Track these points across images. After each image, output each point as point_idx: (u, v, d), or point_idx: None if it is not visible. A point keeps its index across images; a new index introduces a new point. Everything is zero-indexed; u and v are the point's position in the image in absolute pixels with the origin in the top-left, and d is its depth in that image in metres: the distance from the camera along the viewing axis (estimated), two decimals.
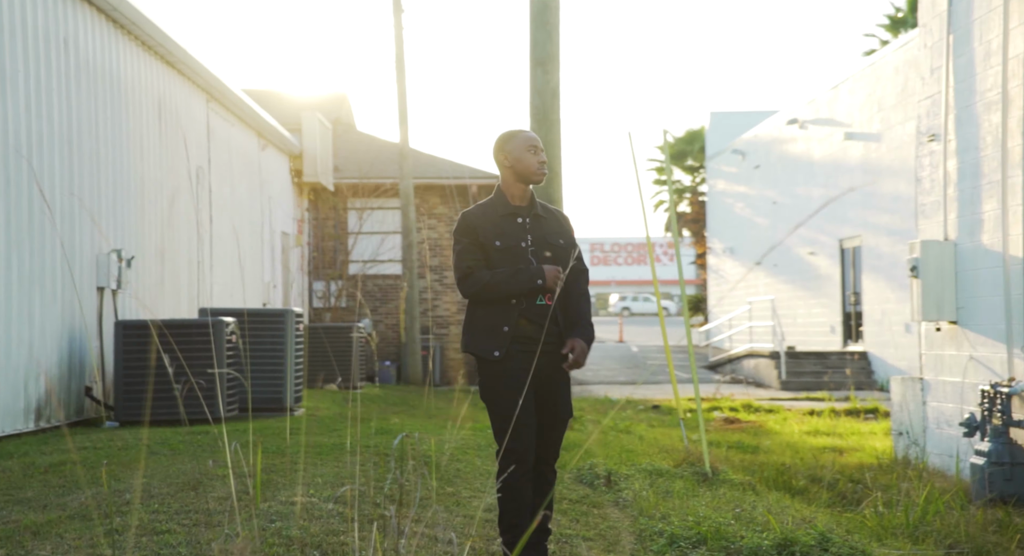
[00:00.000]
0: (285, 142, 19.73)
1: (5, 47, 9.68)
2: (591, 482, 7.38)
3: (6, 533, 5.27)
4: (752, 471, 9.19)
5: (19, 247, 9.71)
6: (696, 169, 38.89)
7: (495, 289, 4.86)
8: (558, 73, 11.60)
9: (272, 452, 7.89)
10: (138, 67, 12.88)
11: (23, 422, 9.71)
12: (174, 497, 6.05)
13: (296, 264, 21.25)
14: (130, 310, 12.08)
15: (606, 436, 10.45)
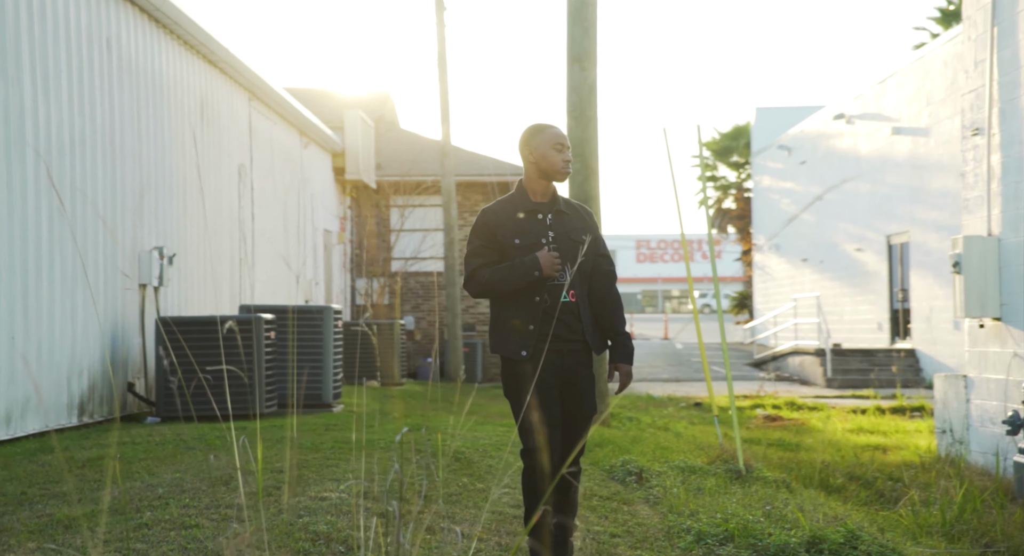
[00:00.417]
0: (327, 140, 19.84)
1: (48, 48, 9.81)
2: (623, 479, 7.36)
3: (39, 526, 5.35)
4: (789, 469, 9.12)
5: (62, 245, 9.84)
6: (741, 165, 38.61)
7: (496, 286, 4.85)
8: (595, 69, 11.56)
9: (306, 448, 7.94)
10: (180, 66, 13.01)
11: (66, 417, 9.85)
12: (205, 492, 6.10)
13: (338, 261, 21.36)
14: (173, 307, 12.21)
15: (643, 433, 10.41)
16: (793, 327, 28.85)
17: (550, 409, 4.91)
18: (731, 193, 39.01)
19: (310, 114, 18.32)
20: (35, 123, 9.50)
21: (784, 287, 31.98)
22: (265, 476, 6.71)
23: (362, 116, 21.05)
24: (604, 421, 11.11)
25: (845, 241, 27.03)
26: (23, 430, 9.09)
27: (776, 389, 21.32)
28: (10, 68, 9.14)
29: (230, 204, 14.59)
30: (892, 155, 23.81)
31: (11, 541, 5.03)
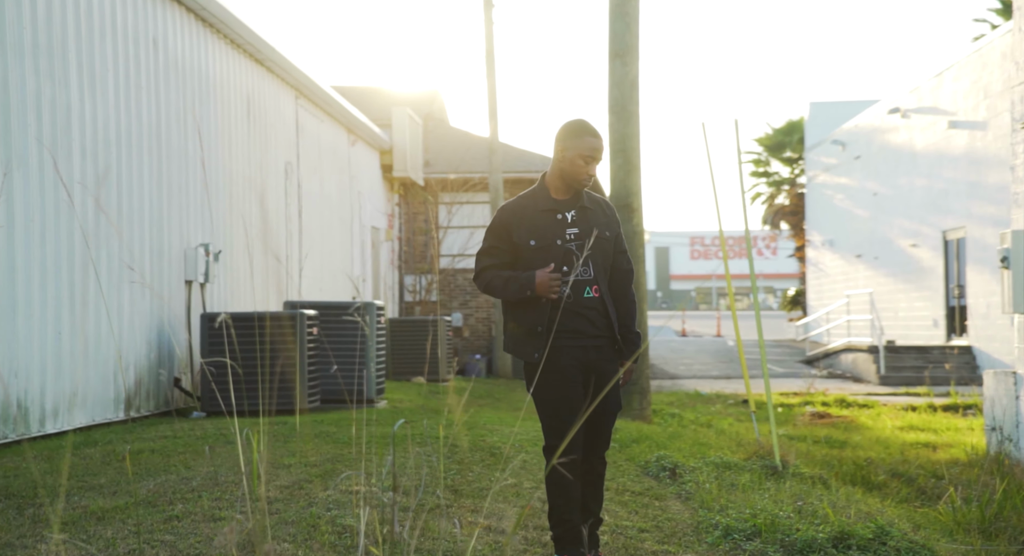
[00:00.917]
0: (375, 137, 19.94)
1: (95, 48, 9.96)
2: (656, 475, 7.34)
3: (73, 518, 5.44)
4: (831, 466, 9.03)
5: (108, 242, 9.99)
6: (795, 160, 38.25)
7: (494, 293, 4.89)
8: (637, 64, 11.52)
9: (342, 442, 7.99)
10: (227, 65, 13.15)
11: (113, 411, 10.00)
12: (238, 485, 6.16)
13: (386, 258, 21.47)
14: (219, 303, 12.35)
15: (684, 430, 10.37)
16: (846, 324, 28.54)
17: (574, 405, 4.91)
18: (784, 189, 38.65)
19: (357, 112, 18.43)
20: (81, 122, 9.65)
21: (838, 283, 31.64)
22: (298, 470, 6.77)
23: (410, 113, 21.13)
24: (645, 417, 11.07)
25: (900, 237, 26.69)
26: (70, 424, 9.24)
27: (827, 386, 21.12)
28: (57, 69, 9.30)
29: (276, 201, 14.72)
30: (948, 149, 23.47)
31: (44, 532, 5.12)
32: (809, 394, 18.73)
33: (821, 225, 33.75)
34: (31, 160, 8.83)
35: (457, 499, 6.18)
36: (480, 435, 8.70)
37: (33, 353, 8.73)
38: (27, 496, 6.03)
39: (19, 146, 8.66)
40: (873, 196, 28.59)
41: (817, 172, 33.95)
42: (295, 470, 6.76)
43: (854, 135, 30.15)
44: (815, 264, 34.37)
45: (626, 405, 11.17)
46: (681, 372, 24.82)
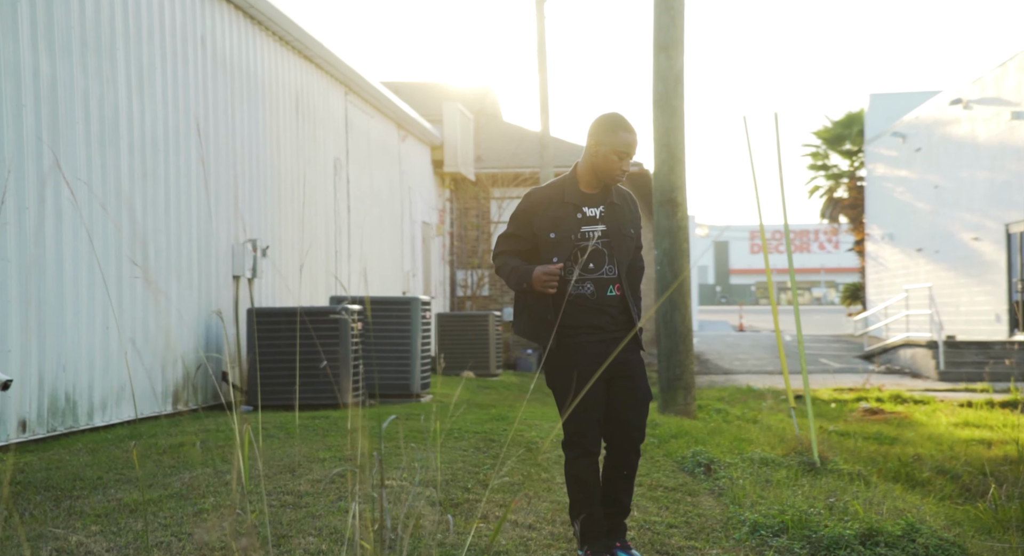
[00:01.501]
0: (426, 133, 20.01)
1: (143, 47, 10.10)
2: (692, 470, 7.30)
3: (106, 510, 5.53)
4: (876, 462, 8.92)
5: (156, 237, 10.13)
6: (854, 153, 37.78)
7: (502, 277, 4.95)
8: (682, 58, 11.44)
9: (377, 436, 8.02)
10: (276, 62, 13.26)
11: (160, 405, 10.14)
12: (271, 479, 6.23)
13: (437, 253, 21.54)
14: (267, 298, 12.48)
15: (727, 425, 10.29)
16: (905, 319, 28.15)
17: (593, 401, 4.90)
18: (843, 182, 38.19)
19: (407, 107, 18.50)
20: (129, 119, 9.79)
21: (898, 278, 31.21)
22: (333, 465, 6.82)
23: (461, 109, 21.17)
24: (690, 413, 11.01)
25: (962, 230, 26.26)
26: (118, 417, 9.39)
27: (883, 382, 20.85)
28: (105, 67, 9.44)
29: (325, 197, 14.84)
30: (1012, 141, 23.04)
31: (77, 524, 5.21)
32: (864, 390, 18.49)
33: (881, 219, 33.30)
34: (79, 158, 8.98)
35: (486, 493, 6.19)
36: (520, 430, 8.71)
37: (81, 347, 8.88)
38: (65, 488, 6.14)
39: (67, 144, 8.81)
40: (934, 189, 28.16)
41: (877, 165, 33.50)
42: (328, 464, 6.81)
43: (915, 127, 29.70)
44: (875, 258, 33.93)
45: (670, 400, 11.11)
46: (735, 367, 24.64)
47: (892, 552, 4.96)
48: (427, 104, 21.75)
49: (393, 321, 11.92)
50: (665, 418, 10.34)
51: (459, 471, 6.72)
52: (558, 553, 5.15)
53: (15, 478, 6.46)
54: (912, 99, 33.88)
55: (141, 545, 4.81)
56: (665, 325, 11.19)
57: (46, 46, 8.60)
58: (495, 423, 9.22)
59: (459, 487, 6.26)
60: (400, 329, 11.90)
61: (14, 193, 8.11)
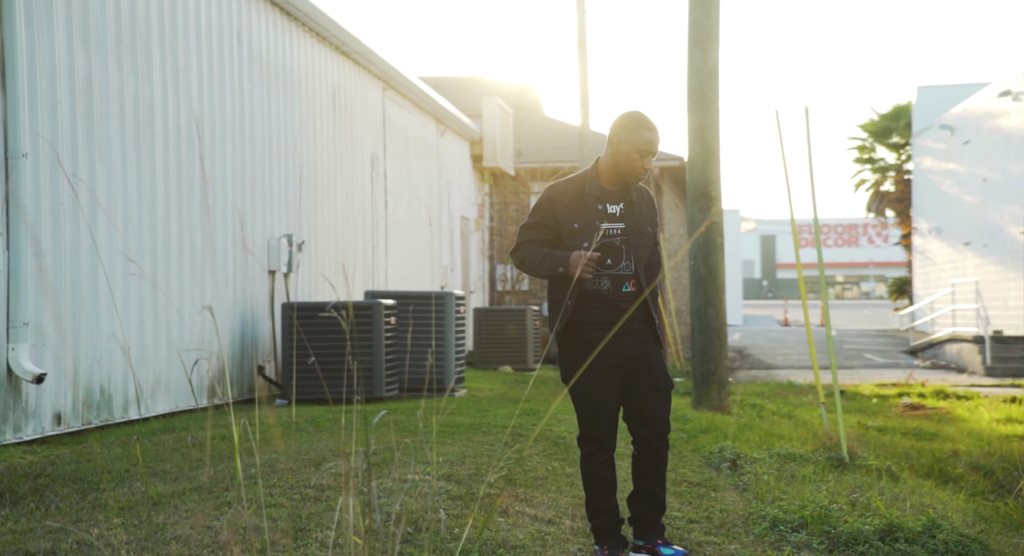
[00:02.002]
0: (465, 128, 20.03)
1: (179, 44, 10.20)
2: (717, 465, 7.27)
3: (130, 503, 5.59)
4: (909, 458, 8.82)
5: (191, 233, 10.23)
6: (902, 146, 37.32)
7: (527, 268, 4.90)
8: (717, 51, 11.37)
9: (407, 431, 8.06)
10: (313, 58, 13.34)
11: (196, 399, 10.25)
12: (294, 473, 6.27)
13: (476, 248, 21.57)
14: (303, 292, 12.56)
15: (760, 421, 10.22)
16: (951, 313, 27.80)
17: (608, 397, 4.89)
18: (890, 176, 37.75)
19: (446, 102, 18.53)
20: (164, 115, 9.89)
21: (945, 272, 30.83)
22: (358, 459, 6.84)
23: (500, 103, 21.17)
24: (724, 408, 10.95)
25: (1011, 224, 25.87)
26: (153, 410, 9.50)
27: (928, 377, 20.61)
28: (141, 64, 9.54)
29: (362, 192, 14.90)
30: None
31: (99, 517, 5.28)
32: (907, 385, 18.28)
33: (928, 212, 32.90)
34: (114, 153, 9.08)
35: (507, 488, 6.20)
36: (549, 424, 8.70)
37: (115, 341, 8.98)
38: (92, 481, 6.22)
39: (102, 140, 8.92)
40: (983, 182, 27.76)
41: (924, 158, 33.09)
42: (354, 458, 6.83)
43: (963, 119, 29.30)
44: (922, 252, 33.53)
45: (703, 396, 11.06)
46: (778, 362, 24.46)
47: (911, 548, 4.92)
48: (469, 99, 21.77)
49: (427, 316, 11.96)
50: (698, 413, 10.29)
51: (483, 465, 6.73)
52: (575, 548, 5.14)
53: (45, 470, 6.55)
54: (960, 91, 33.42)
55: (160, 538, 4.86)
56: (699, 320, 11.14)
57: (81, 43, 8.71)
58: (525, 417, 9.23)
59: (481, 481, 6.27)
60: (435, 323, 11.93)
61: (49, 189, 8.22)
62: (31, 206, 7.97)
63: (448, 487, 6.02)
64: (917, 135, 33.84)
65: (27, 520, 5.29)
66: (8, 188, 7.83)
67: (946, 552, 4.90)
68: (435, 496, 5.80)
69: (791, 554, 4.97)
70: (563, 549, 5.10)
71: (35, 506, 5.60)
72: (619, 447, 7.68)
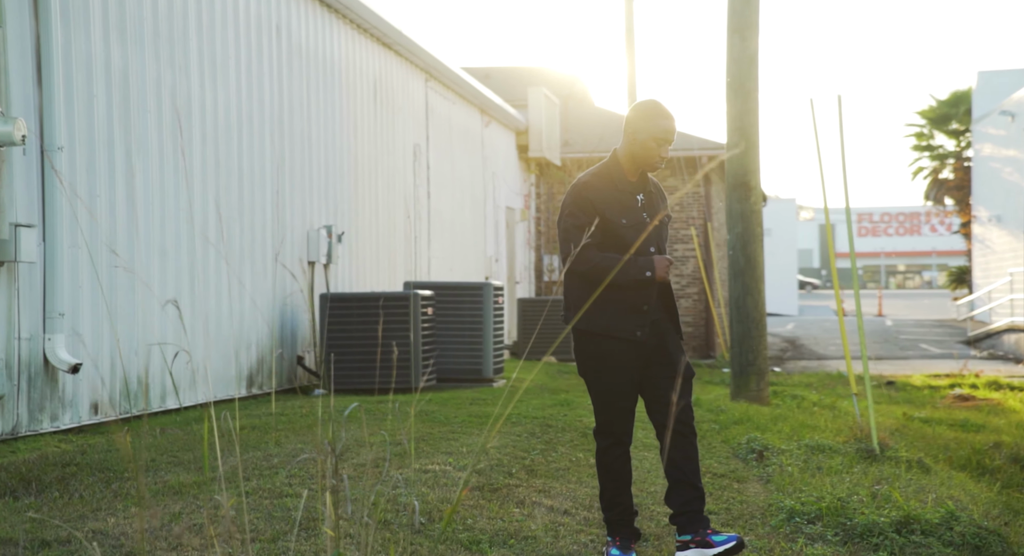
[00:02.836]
0: (510, 118, 20.00)
1: (217, 37, 10.28)
2: (744, 457, 7.20)
3: (152, 492, 5.66)
4: (948, 449, 8.68)
5: (229, 224, 10.32)
6: (961, 133, 36.69)
7: (601, 273, 4.74)
8: (756, 40, 11.26)
9: (437, 421, 8.08)
10: (353, 50, 13.39)
11: (235, 388, 10.35)
12: (316, 463, 6.29)
13: (522, 238, 21.54)
14: (344, 283, 12.63)
15: (796, 412, 10.11)
16: (1009, 303, 27.30)
17: (626, 390, 4.85)
18: (949, 163, 37.13)
19: (490, 93, 18.51)
20: (202, 108, 9.98)
21: (1005, 261, 30.26)
22: (382, 449, 6.87)
23: (546, 94, 21.11)
24: (762, 399, 10.85)
25: None
26: (191, 400, 9.61)
27: (983, 368, 20.26)
28: (178, 57, 9.63)
29: (404, 183, 14.94)
30: None
31: (118, 506, 5.35)
32: (960, 376, 18.00)
33: (988, 200, 32.30)
34: (151, 145, 9.18)
35: (528, 478, 6.19)
36: (580, 415, 8.68)
37: (153, 331, 9.09)
38: (118, 470, 6.30)
39: (139, 132, 9.02)
40: None
41: (984, 145, 32.50)
42: (378, 448, 6.87)
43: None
44: (981, 241, 32.96)
45: (742, 386, 10.97)
46: (830, 353, 24.20)
47: (927, 540, 4.85)
48: (518, 89, 21.71)
49: (466, 306, 11.98)
50: (734, 404, 10.21)
51: (506, 456, 6.73)
52: (587, 538, 5.12)
53: (75, 459, 6.65)
54: (1022, 76, 32.76)
55: (174, 528, 4.91)
56: (737, 310, 11.04)
57: (118, 37, 8.81)
58: (558, 408, 9.21)
59: (503, 472, 6.26)
60: (473, 314, 11.95)
61: (85, 181, 8.33)
62: (67, 198, 8.08)
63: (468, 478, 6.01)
64: (977, 121, 33.23)
65: (49, 508, 5.38)
66: (44, 180, 7.96)
67: (962, 544, 4.83)
68: (454, 487, 5.81)
69: (804, 545, 4.92)
70: (575, 540, 5.09)
71: (59, 494, 5.69)
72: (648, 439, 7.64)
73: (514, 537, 5.04)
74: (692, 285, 22.32)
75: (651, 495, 6.03)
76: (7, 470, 6.29)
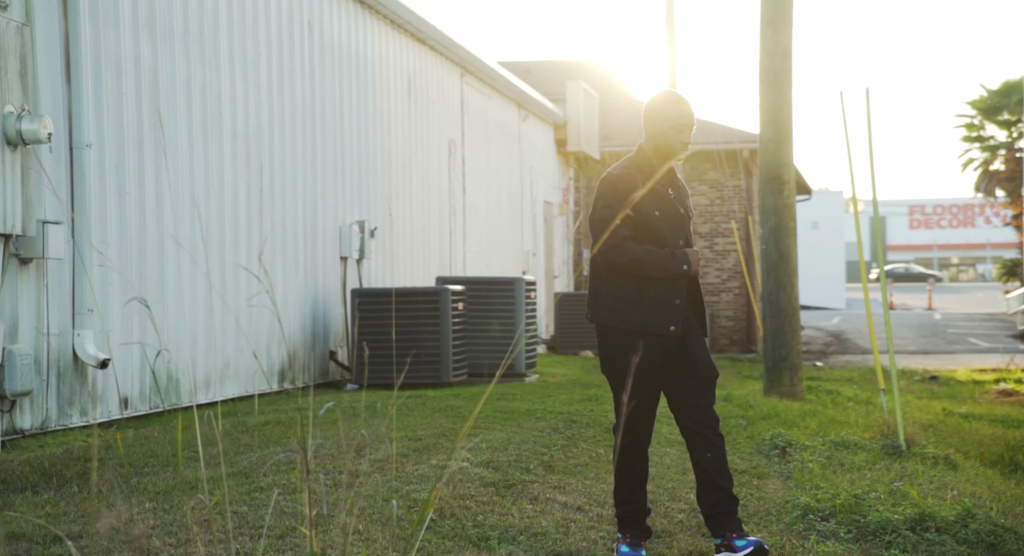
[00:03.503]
0: (548, 112, 19.94)
1: (248, 34, 10.33)
2: (767, 453, 7.13)
3: (168, 487, 5.70)
4: (981, 445, 8.54)
5: (260, 220, 10.37)
6: (1013, 123, 36.12)
7: (642, 267, 4.71)
8: (790, 32, 11.13)
9: (460, 416, 8.06)
10: (387, 46, 13.40)
11: (266, 383, 10.42)
12: (334, 459, 6.31)
13: (561, 233, 21.49)
14: (377, 278, 12.66)
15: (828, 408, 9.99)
16: None
17: (647, 387, 4.80)
18: (1000, 154, 36.57)
19: (527, 87, 18.47)
20: (232, 105, 10.03)
21: None
22: (401, 444, 6.88)
23: (585, 87, 21.04)
24: (796, 394, 10.74)
25: None
26: (221, 394, 9.67)
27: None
28: (208, 55, 9.70)
29: (439, 178, 14.95)
30: None
31: (133, 500, 5.39)
32: (1006, 370, 17.71)
33: None
34: (181, 142, 9.25)
35: (545, 475, 6.16)
36: (605, 410, 8.63)
37: (184, 327, 9.17)
38: (139, 465, 6.35)
39: (169, 129, 9.09)
40: None
41: None
42: (398, 444, 6.87)
43: None
44: None
45: (775, 382, 10.87)
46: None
47: (941, 537, 4.78)
48: (558, 83, 21.65)
49: (498, 301, 11.97)
50: (765, 400, 10.12)
51: (526, 452, 6.70)
52: (597, 535, 5.09)
53: (100, 454, 6.72)
54: None
55: (185, 523, 4.94)
56: (770, 305, 10.93)
57: (148, 35, 8.88)
58: (585, 404, 9.17)
59: (520, 468, 6.24)
60: (505, 309, 11.94)
61: (115, 178, 8.41)
62: (96, 195, 8.16)
63: (484, 474, 6.00)
64: None
65: (65, 503, 5.43)
66: (73, 177, 8.04)
67: (977, 542, 4.76)
68: (468, 483, 5.79)
69: (816, 543, 4.86)
70: (585, 537, 5.06)
71: (77, 489, 5.75)
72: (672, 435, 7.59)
73: (523, 533, 5.02)
74: (733, 279, 22.17)
75: (667, 492, 5.98)
76: (30, 464, 6.38)
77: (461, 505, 5.38)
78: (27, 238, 7.48)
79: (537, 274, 19.19)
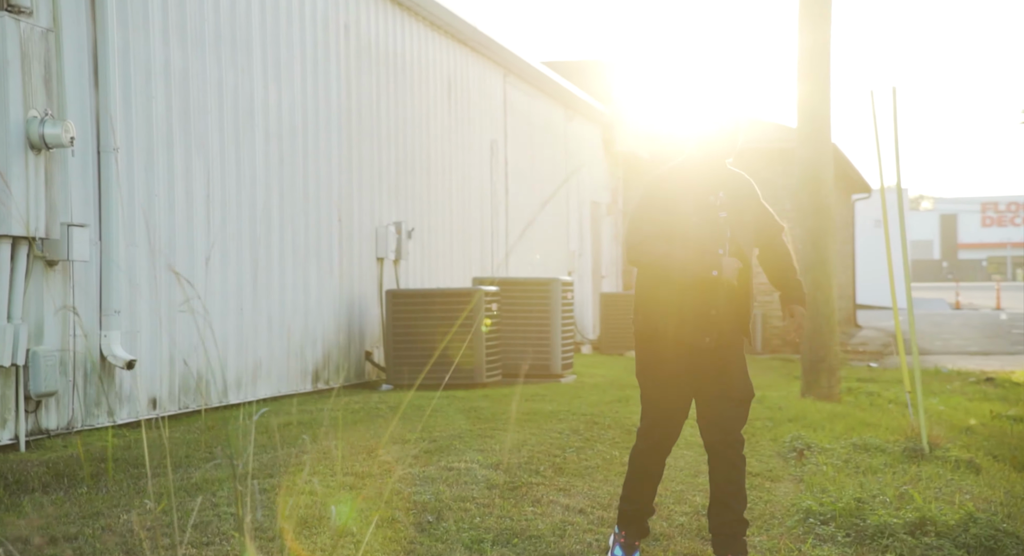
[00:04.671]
0: (595, 112, 19.85)
1: (281, 37, 10.40)
2: (785, 455, 7.01)
3: (176, 488, 5.73)
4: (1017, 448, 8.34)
5: (293, 221, 10.43)
6: None
7: (667, 265, 4.64)
8: (828, 29, 10.99)
9: (482, 418, 8.03)
10: (426, 47, 13.42)
11: (300, 384, 10.47)
12: (345, 460, 6.31)
13: (608, 233, 21.37)
14: (415, 279, 12.68)
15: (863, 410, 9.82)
16: None
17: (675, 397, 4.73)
18: None
19: (573, 87, 18.40)
20: (265, 107, 10.09)
21: None
22: (415, 445, 6.86)
23: (634, 87, 20.93)
24: (833, 396, 10.57)
25: None
26: (253, 395, 9.73)
27: None
28: (240, 58, 9.77)
29: (480, 179, 14.93)
30: None
31: (136, 502, 5.43)
32: None
33: None
34: (212, 145, 9.33)
35: (553, 477, 6.11)
36: (631, 411, 8.55)
37: (214, 327, 9.24)
38: (151, 466, 6.40)
39: (199, 132, 9.17)
40: None
41: None
42: (412, 445, 6.86)
43: None
44: None
45: (812, 383, 10.71)
46: (936, 347, 23.49)
47: (940, 542, 4.70)
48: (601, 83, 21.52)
49: (535, 302, 11.94)
50: (799, 402, 9.97)
51: (539, 453, 6.65)
52: (592, 538, 5.04)
53: (116, 454, 6.79)
54: None
55: (184, 524, 4.96)
56: (808, 306, 10.77)
57: (178, 39, 8.96)
58: (613, 405, 9.09)
59: (529, 470, 6.19)
60: (541, 310, 11.90)
61: (144, 181, 8.50)
62: (125, 198, 8.25)
63: (490, 475, 5.97)
64: None
65: (71, 504, 5.49)
66: (100, 181, 8.14)
67: (976, 547, 4.66)
68: (473, 484, 5.76)
69: (812, 547, 4.77)
70: (580, 540, 5.01)
71: (87, 490, 5.80)
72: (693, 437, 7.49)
73: (518, 536, 4.98)
74: None
75: (674, 494, 5.91)
76: (47, 465, 6.46)
77: (461, 507, 5.35)
78: (51, 241, 7.58)
79: (583, 274, 19.11)
